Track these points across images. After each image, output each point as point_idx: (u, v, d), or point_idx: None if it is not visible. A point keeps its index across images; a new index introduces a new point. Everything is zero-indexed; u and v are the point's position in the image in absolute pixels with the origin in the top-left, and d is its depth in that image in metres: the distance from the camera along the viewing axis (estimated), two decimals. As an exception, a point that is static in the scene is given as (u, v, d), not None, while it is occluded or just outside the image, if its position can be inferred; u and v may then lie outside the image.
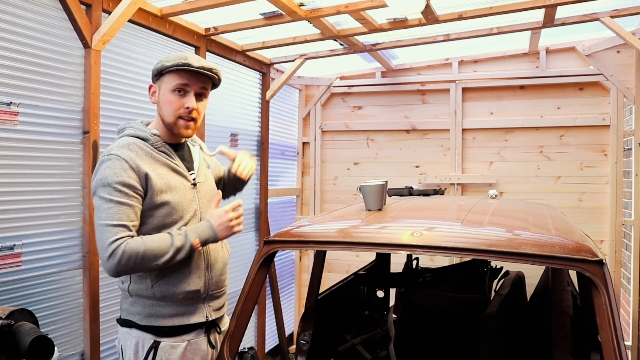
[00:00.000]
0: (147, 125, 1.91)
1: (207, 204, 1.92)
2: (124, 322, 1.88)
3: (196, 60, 1.81)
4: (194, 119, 1.85)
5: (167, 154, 1.85)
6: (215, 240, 1.82)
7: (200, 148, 2.05)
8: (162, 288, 1.79)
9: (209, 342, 1.92)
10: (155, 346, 1.81)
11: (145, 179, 1.75)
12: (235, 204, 1.86)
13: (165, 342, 1.81)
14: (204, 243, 1.79)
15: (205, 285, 1.86)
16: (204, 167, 2.00)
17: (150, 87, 1.89)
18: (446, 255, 1.77)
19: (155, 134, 1.86)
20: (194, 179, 1.91)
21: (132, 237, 1.70)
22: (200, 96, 1.86)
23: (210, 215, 1.83)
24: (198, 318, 1.86)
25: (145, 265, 1.70)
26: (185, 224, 1.84)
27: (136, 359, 1.82)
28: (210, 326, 1.93)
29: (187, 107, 1.81)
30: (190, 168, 1.93)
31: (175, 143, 1.93)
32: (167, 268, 1.78)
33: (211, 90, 1.94)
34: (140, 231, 1.78)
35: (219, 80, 1.91)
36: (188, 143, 2.01)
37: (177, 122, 1.83)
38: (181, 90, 1.81)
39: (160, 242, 1.71)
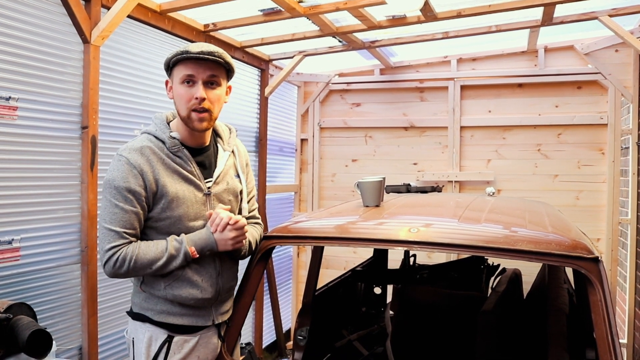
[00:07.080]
0: (170, 122, 1.86)
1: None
2: (136, 316, 1.87)
3: (196, 47, 1.74)
4: (207, 110, 1.77)
5: (182, 159, 1.80)
6: (213, 249, 1.78)
7: (232, 152, 1.97)
8: (175, 292, 1.79)
9: (220, 335, 1.94)
10: (169, 340, 1.82)
11: (152, 185, 1.74)
12: (235, 221, 1.78)
13: (178, 337, 1.83)
14: (201, 251, 1.77)
15: (216, 292, 1.86)
16: (230, 175, 1.93)
17: (167, 82, 1.86)
18: (443, 251, 1.78)
19: (173, 137, 1.80)
20: (208, 188, 1.84)
21: (130, 243, 1.72)
22: (211, 85, 1.78)
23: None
24: (205, 322, 1.87)
25: (139, 271, 1.73)
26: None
27: (148, 352, 1.83)
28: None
29: (197, 98, 1.75)
30: (208, 175, 1.86)
31: (196, 147, 1.85)
32: (179, 275, 1.78)
33: (228, 78, 1.86)
34: (149, 237, 1.79)
35: (229, 64, 1.80)
36: (219, 146, 1.94)
37: (191, 116, 1.77)
38: (189, 82, 1.75)
39: (155, 249, 1.73)
